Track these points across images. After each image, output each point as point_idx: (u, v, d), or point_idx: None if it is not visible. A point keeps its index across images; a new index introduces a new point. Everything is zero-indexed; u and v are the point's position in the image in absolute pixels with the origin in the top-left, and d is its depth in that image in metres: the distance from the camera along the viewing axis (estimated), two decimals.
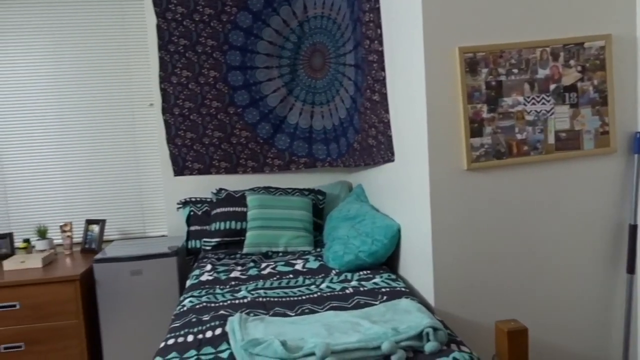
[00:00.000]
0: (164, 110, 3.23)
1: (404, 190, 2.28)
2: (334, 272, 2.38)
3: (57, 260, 3.03)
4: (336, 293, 2.09)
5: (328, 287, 2.17)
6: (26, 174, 3.28)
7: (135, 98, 3.33)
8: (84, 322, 2.74)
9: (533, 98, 1.97)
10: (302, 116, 3.31)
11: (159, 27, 3.15)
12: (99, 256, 2.82)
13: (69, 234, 3.17)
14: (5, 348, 2.68)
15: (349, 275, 2.30)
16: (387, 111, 2.42)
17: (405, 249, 2.33)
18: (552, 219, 2.04)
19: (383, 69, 2.43)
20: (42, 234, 3.14)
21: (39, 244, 3.11)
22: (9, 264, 2.87)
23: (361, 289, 2.11)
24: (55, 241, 3.20)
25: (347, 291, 2.10)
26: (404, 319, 1.66)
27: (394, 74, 2.31)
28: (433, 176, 1.96)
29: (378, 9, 2.42)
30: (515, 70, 1.95)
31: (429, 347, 1.50)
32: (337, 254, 2.41)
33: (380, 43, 2.43)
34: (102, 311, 2.79)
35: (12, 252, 3.12)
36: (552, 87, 1.98)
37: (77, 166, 3.31)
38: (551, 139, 2.00)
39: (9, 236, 3.14)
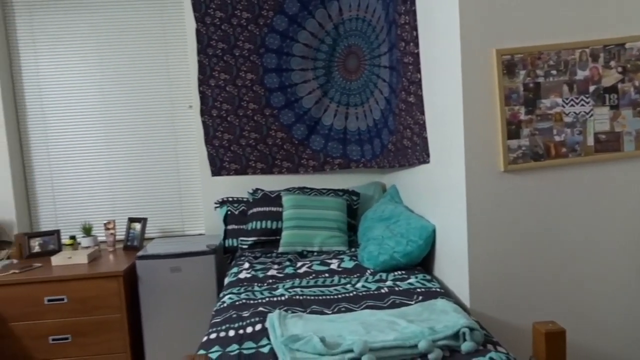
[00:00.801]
0: (203, 112, 3.32)
1: (439, 192, 2.29)
2: (368, 271, 2.41)
3: (101, 257, 3.16)
4: (372, 292, 2.12)
5: (363, 286, 2.21)
6: (72, 174, 3.44)
7: (175, 100, 3.44)
8: (127, 316, 2.85)
9: (572, 99, 1.96)
10: (337, 117, 3.35)
11: (198, 31, 3.25)
12: (141, 253, 2.93)
13: (112, 231, 3.30)
14: (53, 339, 2.81)
15: (383, 275, 2.33)
16: (422, 113, 2.43)
17: (440, 250, 2.34)
18: (591, 221, 2.02)
19: (419, 71, 2.45)
20: (87, 231, 3.28)
21: (84, 241, 3.24)
22: (56, 260, 3.01)
23: (396, 288, 2.14)
24: (99, 238, 3.33)
25: (383, 291, 2.13)
26: (441, 318, 1.68)
27: (430, 76, 2.33)
28: (469, 178, 1.97)
29: (414, 12, 2.44)
30: (554, 72, 1.94)
31: (466, 346, 1.51)
32: (372, 254, 2.45)
33: (416, 45, 2.45)
34: (144, 306, 2.89)
35: (59, 248, 3.26)
36: (592, 88, 1.96)
37: (121, 167, 3.44)
38: (590, 141, 1.98)
39: (57, 233, 3.29)
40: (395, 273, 2.34)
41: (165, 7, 3.37)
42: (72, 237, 3.26)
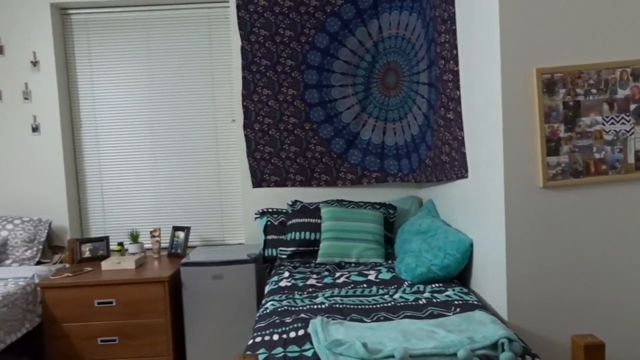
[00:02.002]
0: (245, 126, 3.45)
1: (477, 206, 2.34)
2: (406, 283, 2.46)
3: (147, 263, 3.30)
4: (410, 303, 2.17)
5: (401, 297, 2.26)
6: (121, 185, 3.62)
7: (219, 114, 3.59)
8: (171, 320, 2.97)
9: (612, 118, 1.98)
10: (375, 132, 3.43)
11: (243, 49, 3.39)
12: (185, 260, 3.05)
13: (157, 239, 3.45)
14: (102, 341, 2.95)
15: (421, 287, 2.38)
16: (461, 129, 2.49)
17: (477, 264, 2.38)
18: (630, 238, 2.03)
19: (458, 88, 2.51)
20: (134, 238, 3.44)
21: (131, 248, 3.40)
22: (106, 265, 3.17)
23: (434, 300, 2.19)
24: (145, 245, 3.49)
25: (421, 302, 2.18)
26: (479, 329, 1.72)
27: (469, 93, 2.38)
28: (508, 193, 2.02)
29: (454, 31, 2.51)
30: (594, 91, 1.98)
31: (504, 357, 1.55)
32: (409, 266, 2.50)
33: (456, 63, 2.51)
34: (187, 311, 3.01)
35: (108, 254, 3.43)
36: (633, 107, 1.98)
37: (166, 177, 3.61)
38: (631, 159, 1.99)
39: (106, 239, 3.46)
40: (433, 285, 2.39)
41: (213, 26, 3.54)
42: (120, 244, 3.43)
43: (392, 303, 2.19)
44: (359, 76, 3.41)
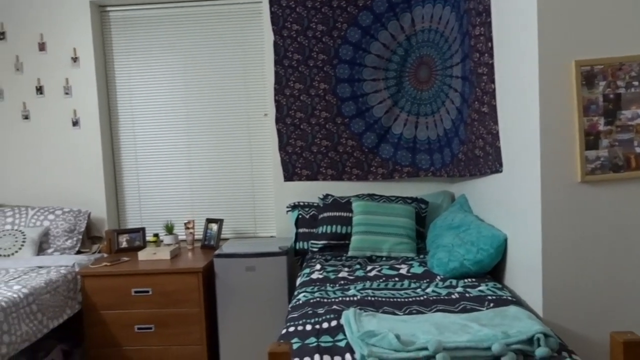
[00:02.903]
0: (277, 120, 3.48)
1: (512, 201, 2.31)
2: (438, 277, 2.45)
3: (182, 254, 3.38)
4: (442, 297, 2.17)
5: (434, 291, 2.25)
6: (156, 177, 3.71)
7: (251, 109, 3.63)
8: (204, 310, 3.04)
9: None
10: (407, 127, 3.42)
11: (275, 43, 3.42)
12: (218, 252, 3.11)
13: (191, 230, 3.52)
14: (139, 328, 3.04)
15: (453, 282, 2.37)
16: (496, 122, 2.46)
17: (512, 259, 2.35)
18: None
19: (493, 81, 2.47)
20: (169, 229, 3.52)
21: (167, 239, 3.48)
22: (142, 255, 3.25)
23: (467, 295, 2.17)
24: (179, 237, 3.57)
25: (453, 296, 2.17)
26: (514, 324, 1.71)
27: (505, 86, 2.35)
28: (545, 188, 1.99)
29: (489, 23, 2.48)
30: (636, 83, 1.92)
31: (540, 352, 1.54)
32: (441, 260, 2.49)
33: (491, 56, 2.48)
34: (220, 302, 3.07)
35: (144, 244, 3.52)
36: None
37: (200, 170, 3.68)
38: None
39: (142, 230, 3.55)
40: (465, 280, 2.37)
41: (245, 21, 3.58)
42: (156, 235, 3.51)
43: (425, 297, 2.19)
44: (391, 70, 3.40)
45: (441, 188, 3.47)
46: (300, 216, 3.40)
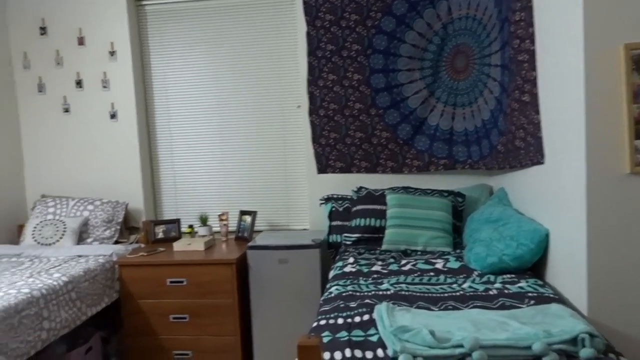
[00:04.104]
0: (311, 112, 3.45)
1: (554, 194, 2.20)
2: (475, 273, 2.37)
3: (216, 245, 3.40)
4: (479, 293, 2.09)
5: (470, 287, 2.18)
6: (192, 169, 3.74)
7: (285, 101, 3.61)
8: (238, 301, 3.05)
9: None
10: (443, 118, 3.33)
11: (308, 34, 3.39)
12: (251, 244, 3.11)
13: (225, 222, 3.54)
14: (174, 318, 3.08)
15: (491, 277, 2.29)
16: (537, 112, 2.35)
17: (554, 255, 2.25)
18: None
19: (534, 69, 2.37)
20: (203, 221, 3.55)
21: (201, 230, 3.51)
22: (177, 246, 3.29)
23: (506, 291, 2.09)
24: (213, 228, 3.59)
25: (491, 292, 2.09)
26: (556, 322, 1.63)
27: (547, 73, 2.24)
28: (590, 180, 1.88)
29: (530, 8, 2.37)
30: None
31: (585, 353, 1.45)
32: (479, 255, 2.41)
33: (532, 42, 2.37)
34: (253, 293, 3.08)
35: (179, 235, 3.57)
36: None
37: (234, 162, 3.69)
38: None
39: (177, 222, 3.59)
40: (504, 276, 2.29)
41: (278, 12, 3.55)
42: (191, 226, 3.55)
43: (461, 292, 2.12)
44: (426, 60, 3.31)
45: (479, 181, 3.37)
46: (333, 209, 3.36)
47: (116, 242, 3.47)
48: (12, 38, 3.67)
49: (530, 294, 2.03)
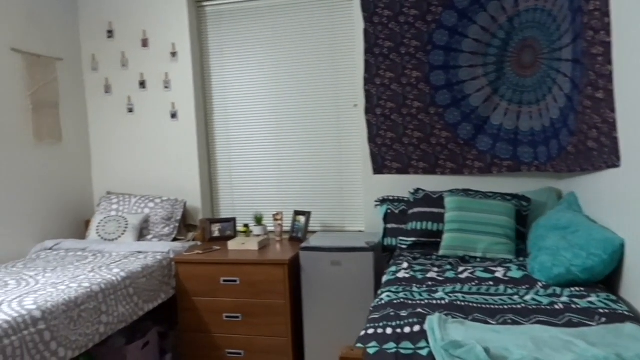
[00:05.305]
0: (367, 111, 3.36)
1: (631, 200, 2.00)
2: (540, 284, 2.20)
3: (269, 245, 3.39)
4: (543, 307, 1.93)
5: (534, 299, 2.02)
6: (248, 168, 3.77)
7: (341, 99, 3.55)
8: (290, 303, 3.02)
9: None
10: (507, 116, 3.13)
11: (366, 31, 3.30)
12: (304, 245, 3.07)
13: (279, 222, 3.53)
14: (227, 316, 3.10)
15: (557, 290, 2.11)
16: (612, 110, 2.14)
17: (630, 267, 2.04)
18: None
19: (610, 62, 2.16)
20: (258, 220, 3.56)
21: (256, 229, 3.52)
22: (232, 244, 3.32)
23: (573, 306, 1.92)
24: (268, 228, 3.59)
25: (557, 307, 1.92)
26: (630, 345, 1.46)
27: (625, 67, 2.03)
28: None
29: None
30: None
31: None
32: (544, 265, 2.23)
33: (608, 33, 2.16)
34: (305, 295, 3.04)
35: (234, 234, 3.59)
36: None
37: (290, 162, 3.67)
38: None
39: (233, 221, 3.63)
40: (572, 289, 2.10)
41: (335, 10, 3.50)
42: (246, 225, 3.57)
43: (523, 305, 1.96)
44: (490, 55, 3.13)
45: (546, 184, 3.15)
46: (389, 211, 3.26)
47: (174, 240, 3.55)
48: (82, 41, 3.85)
49: (601, 311, 1.84)
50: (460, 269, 2.50)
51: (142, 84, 3.76)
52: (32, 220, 3.37)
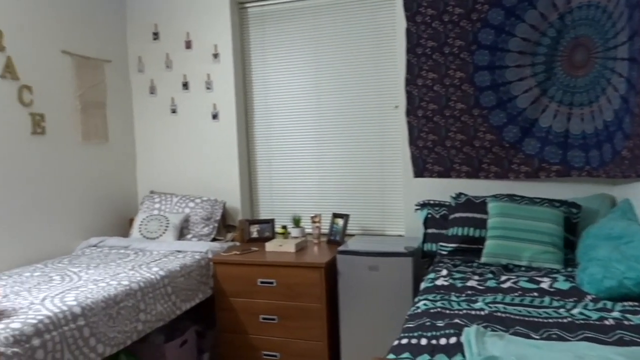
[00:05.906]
0: (408, 112, 3.28)
1: None
2: (589, 297, 2.07)
3: (307, 247, 3.37)
4: (592, 322, 1.81)
5: (581, 313, 1.90)
6: (288, 169, 3.76)
7: (382, 101, 3.48)
8: (326, 306, 2.98)
9: None
10: (557, 119, 2.98)
11: (408, 30, 3.22)
12: (341, 248, 3.03)
13: (317, 224, 3.50)
14: (263, 318, 3.10)
15: (608, 304, 1.97)
16: None
17: None
18: None
19: None
20: (296, 222, 3.54)
21: (294, 231, 3.50)
22: (269, 246, 3.31)
23: (625, 322, 1.79)
24: (306, 230, 3.57)
25: (607, 322, 1.80)
26: None
27: None
28: None
29: None
30: None
31: None
32: (594, 277, 2.10)
33: None
34: (342, 299, 3.00)
35: (272, 235, 3.59)
36: None
37: (329, 164, 3.64)
38: None
39: (272, 222, 3.62)
40: (625, 303, 1.97)
41: (377, 10, 3.44)
42: (284, 227, 3.56)
43: (569, 319, 1.85)
44: (539, 55, 2.98)
45: (599, 190, 2.97)
46: (429, 215, 3.17)
47: (214, 240, 3.58)
48: (129, 43, 3.95)
49: None
50: (503, 278, 2.39)
51: (185, 85, 3.82)
52: (79, 217, 3.49)
